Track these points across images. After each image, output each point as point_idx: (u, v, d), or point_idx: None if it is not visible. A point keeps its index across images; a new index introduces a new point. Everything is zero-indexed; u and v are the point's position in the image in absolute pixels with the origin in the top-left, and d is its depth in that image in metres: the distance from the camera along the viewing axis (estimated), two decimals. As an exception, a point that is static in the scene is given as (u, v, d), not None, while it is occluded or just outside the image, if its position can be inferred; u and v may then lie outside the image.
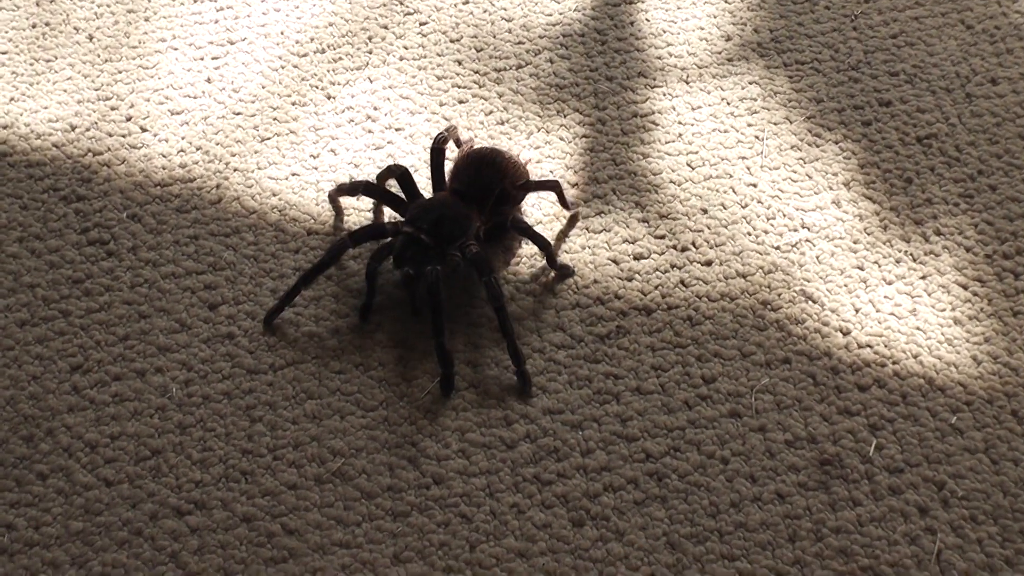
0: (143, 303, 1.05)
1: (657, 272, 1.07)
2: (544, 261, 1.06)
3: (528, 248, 1.08)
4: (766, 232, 1.10)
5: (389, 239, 1.02)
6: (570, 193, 1.12)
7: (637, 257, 1.08)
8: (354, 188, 1.07)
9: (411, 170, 1.09)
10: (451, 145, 1.12)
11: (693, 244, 1.09)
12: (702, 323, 1.03)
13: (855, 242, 1.09)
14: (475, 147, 1.10)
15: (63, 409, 0.98)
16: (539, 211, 1.11)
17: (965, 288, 1.06)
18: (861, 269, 1.07)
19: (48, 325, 1.04)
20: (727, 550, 0.90)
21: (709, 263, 1.08)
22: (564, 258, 1.08)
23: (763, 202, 1.12)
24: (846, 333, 1.02)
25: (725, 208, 1.12)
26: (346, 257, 1.06)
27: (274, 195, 1.13)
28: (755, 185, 1.13)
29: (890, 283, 1.06)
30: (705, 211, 1.11)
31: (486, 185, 1.05)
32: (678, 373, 1.00)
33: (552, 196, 1.10)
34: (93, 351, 1.02)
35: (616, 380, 1.00)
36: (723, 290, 1.06)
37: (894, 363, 1.01)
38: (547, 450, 0.95)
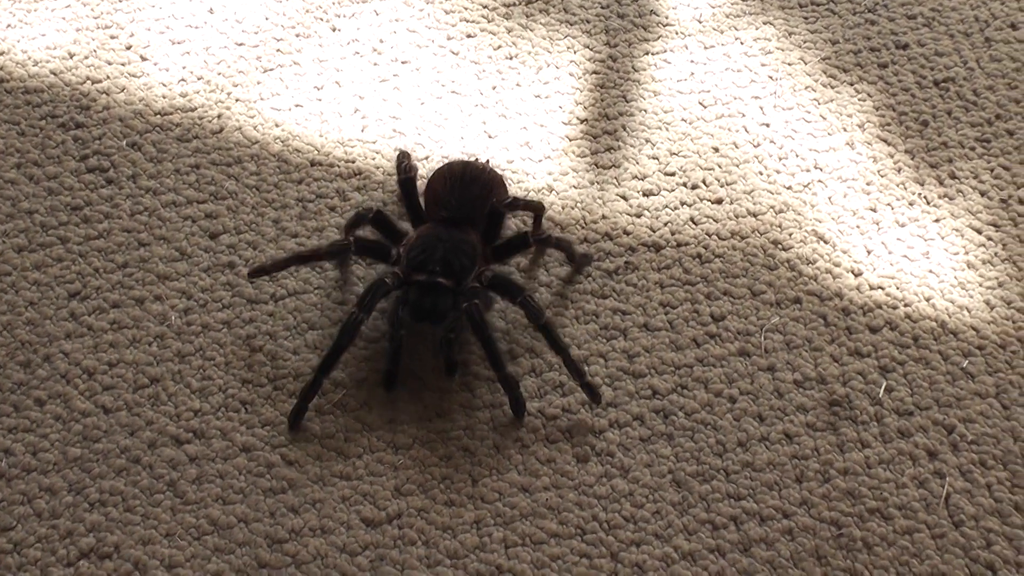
0: (143, 231, 1.03)
1: (667, 209, 1.05)
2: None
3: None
4: (778, 172, 1.08)
5: (387, 285, 0.92)
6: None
7: (646, 193, 1.06)
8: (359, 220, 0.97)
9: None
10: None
11: (703, 182, 1.07)
12: (712, 261, 1.01)
13: (868, 184, 1.07)
14: (446, 165, 1.00)
15: (61, 335, 0.96)
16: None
17: (979, 232, 1.04)
18: (874, 211, 1.05)
19: (46, 251, 1.02)
20: (733, 489, 0.89)
21: (719, 201, 1.06)
22: (572, 193, 1.06)
23: (776, 142, 1.10)
24: (857, 274, 1.01)
25: (737, 147, 1.10)
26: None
27: (277, 125, 1.11)
28: (768, 125, 1.11)
29: (903, 225, 1.04)
30: (716, 150, 1.09)
31: (478, 204, 0.96)
32: (687, 310, 0.98)
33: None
34: (91, 278, 1.00)
35: (623, 316, 0.98)
36: (733, 228, 1.04)
37: (906, 305, 0.99)
38: (552, 384, 0.94)
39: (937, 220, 1.05)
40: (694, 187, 1.07)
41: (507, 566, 0.85)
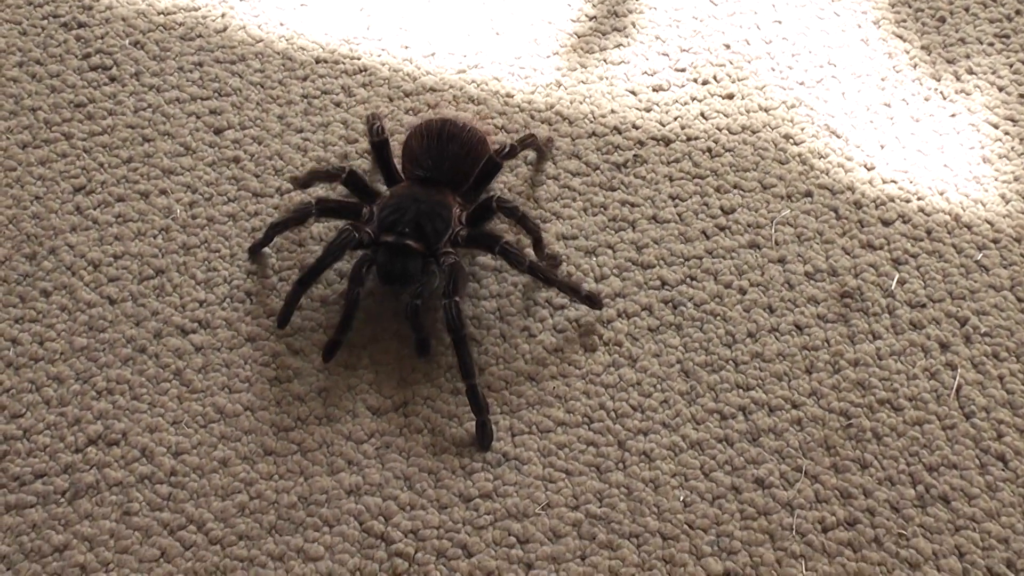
0: (147, 127, 1.02)
1: (676, 104, 1.03)
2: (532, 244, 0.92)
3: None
4: (790, 68, 1.06)
5: (355, 247, 0.88)
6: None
7: (656, 89, 1.04)
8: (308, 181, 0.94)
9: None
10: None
11: (714, 78, 1.05)
12: (722, 155, 1.00)
13: (883, 79, 1.05)
14: (424, 122, 0.94)
15: (66, 228, 0.96)
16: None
17: (996, 127, 1.02)
18: (888, 106, 1.03)
19: (50, 147, 1.01)
20: (742, 379, 0.88)
21: (731, 96, 1.04)
22: (580, 88, 1.04)
23: (788, 39, 1.08)
24: (870, 168, 0.99)
25: (749, 44, 1.07)
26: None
27: (281, 24, 1.09)
28: (780, 22, 1.09)
29: (917, 120, 1.02)
30: (728, 46, 1.07)
31: (456, 163, 0.91)
32: (696, 203, 0.97)
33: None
34: (96, 173, 0.99)
35: (632, 208, 0.97)
36: (744, 123, 1.02)
37: (919, 199, 0.97)
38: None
39: (953, 115, 1.03)
40: (705, 83, 1.05)
41: (513, 454, 0.85)
